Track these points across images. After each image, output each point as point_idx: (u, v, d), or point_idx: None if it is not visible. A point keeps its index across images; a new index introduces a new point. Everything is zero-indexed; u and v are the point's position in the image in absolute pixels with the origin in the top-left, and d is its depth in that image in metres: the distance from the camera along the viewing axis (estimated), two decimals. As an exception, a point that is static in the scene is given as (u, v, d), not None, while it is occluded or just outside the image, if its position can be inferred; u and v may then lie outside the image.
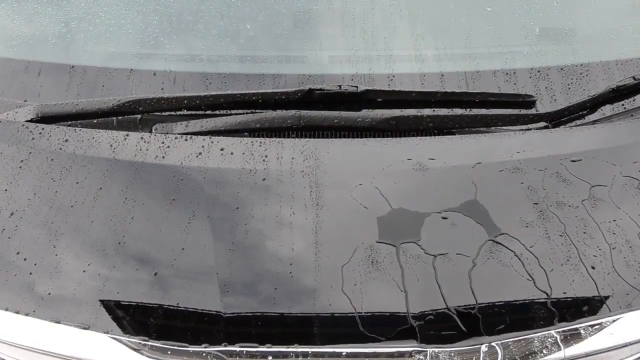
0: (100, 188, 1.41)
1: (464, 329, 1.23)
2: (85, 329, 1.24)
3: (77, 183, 1.42)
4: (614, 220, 1.39)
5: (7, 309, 1.27)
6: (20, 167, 1.46)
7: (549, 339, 1.24)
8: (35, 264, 1.31)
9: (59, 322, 1.25)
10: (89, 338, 1.23)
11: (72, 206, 1.38)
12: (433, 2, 1.78)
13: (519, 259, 1.31)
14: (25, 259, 1.32)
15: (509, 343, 1.23)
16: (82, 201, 1.39)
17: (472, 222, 1.36)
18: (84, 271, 1.29)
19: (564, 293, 1.28)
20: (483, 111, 1.55)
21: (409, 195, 1.40)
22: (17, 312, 1.26)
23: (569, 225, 1.36)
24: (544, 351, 1.23)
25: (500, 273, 1.29)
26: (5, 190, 1.42)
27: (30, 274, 1.30)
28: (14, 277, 1.30)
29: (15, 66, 1.68)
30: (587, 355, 1.24)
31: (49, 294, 1.27)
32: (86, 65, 1.66)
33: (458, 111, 1.55)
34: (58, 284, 1.28)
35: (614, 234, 1.36)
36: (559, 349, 1.23)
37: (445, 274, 1.28)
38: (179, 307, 1.25)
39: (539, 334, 1.24)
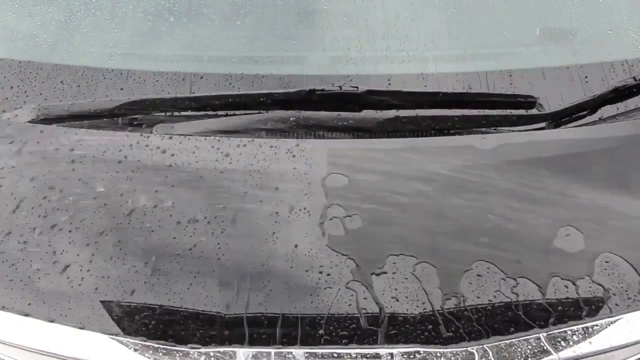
0: (101, 188, 1.41)
1: (462, 330, 1.23)
2: (84, 329, 1.24)
3: (77, 183, 1.42)
4: (614, 220, 1.39)
5: (5, 308, 1.27)
6: (20, 168, 1.45)
7: (549, 341, 1.23)
8: (34, 264, 1.31)
9: (57, 322, 1.25)
10: (88, 338, 1.23)
11: (72, 206, 1.38)
12: (434, 2, 1.77)
13: (518, 259, 1.31)
14: (24, 259, 1.32)
15: (504, 346, 1.23)
16: (82, 201, 1.39)
17: (472, 222, 1.36)
18: (83, 271, 1.29)
19: (563, 294, 1.28)
20: (484, 112, 1.55)
21: (409, 196, 1.40)
22: (16, 312, 1.26)
23: (568, 225, 1.36)
24: (544, 353, 1.23)
25: (500, 274, 1.29)
26: (6, 190, 1.42)
27: (29, 273, 1.30)
28: (12, 276, 1.30)
29: (15, 66, 1.68)
30: (587, 356, 1.24)
31: (48, 293, 1.27)
32: (87, 65, 1.66)
33: (459, 112, 1.55)
34: (57, 284, 1.28)
35: (614, 234, 1.36)
36: (558, 350, 1.23)
37: (444, 275, 1.28)
38: (179, 307, 1.25)
39: (537, 335, 1.24)
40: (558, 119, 1.56)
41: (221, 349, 1.21)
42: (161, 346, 1.21)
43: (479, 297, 1.26)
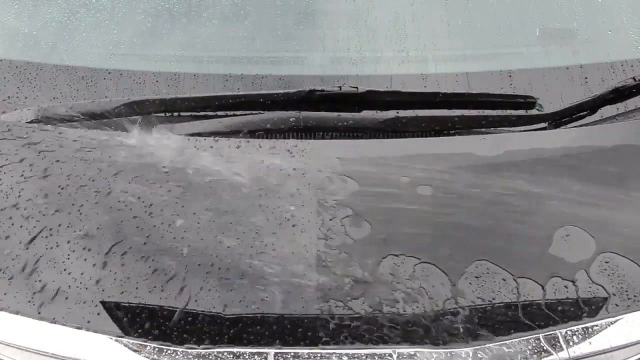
0: (101, 189, 1.41)
1: (462, 330, 1.23)
2: (84, 329, 1.24)
3: (76, 183, 1.42)
4: (614, 220, 1.39)
5: (4, 309, 1.27)
6: (19, 168, 1.46)
7: (548, 341, 1.24)
8: (34, 264, 1.31)
9: (57, 322, 1.25)
10: (88, 338, 1.23)
11: (72, 207, 1.38)
12: (434, 2, 1.78)
13: (518, 259, 1.31)
14: (24, 259, 1.32)
15: (504, 346, 1.23)
16: (83, 202, 1.39)
17: (473, 222, 1.37)
18: (82, 271, 1.30)
19: (563, 294, 1.28)
20: (484, 112, 1.55)
21: (409, 196, 1.40)
22: (16, 313, 1.26)
23: (568, 225, 1.36)
24: (543, 353, 1.23)
25: (500, 274, 1.29)
26: (6, 191, 1.42)
27: (29, 274, 1.30)
28: (12, 277, 1.30)
29: (15, 67, 1.68)
30: (587, 356, 1.24)
31: (48, 294, 1.27)
32: (87, 66, 1.67)
33: (459, 112, 1.55)
34: (57, 284, 1.28)
35: (614, 234, 1.36)
36: (558, 350, 1.23)
37: (444, 275, 1.28)
38: (179, 307, 1.25)
39: (536, 335, 1.24)
40: (558, 119, 1.56)
41: (221, 349, 1.21)
42: (161, 346, 1.21)
43: (479, 297, 1.26)
